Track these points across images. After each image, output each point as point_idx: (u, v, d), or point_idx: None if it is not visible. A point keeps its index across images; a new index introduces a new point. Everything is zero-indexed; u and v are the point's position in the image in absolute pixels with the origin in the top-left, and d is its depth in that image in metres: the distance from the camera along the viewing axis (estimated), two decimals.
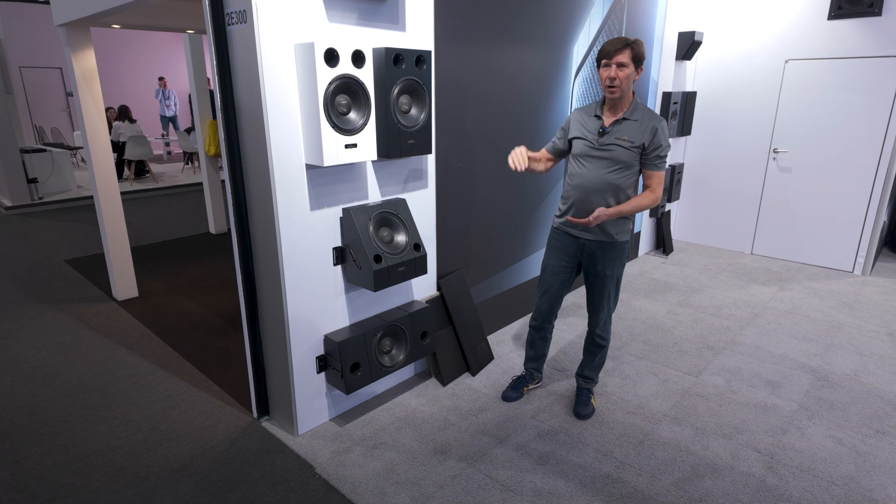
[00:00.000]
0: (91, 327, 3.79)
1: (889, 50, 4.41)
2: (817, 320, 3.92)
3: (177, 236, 6.20)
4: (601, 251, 2.52)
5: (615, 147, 2.38)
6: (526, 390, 2.95)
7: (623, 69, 2.27)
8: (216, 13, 2.14)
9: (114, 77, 12.34)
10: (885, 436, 2.62)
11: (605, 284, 2.57)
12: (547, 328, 2.85)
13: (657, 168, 2.39)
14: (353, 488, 2.26)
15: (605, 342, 2.71)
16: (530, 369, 2.96)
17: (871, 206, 4.72)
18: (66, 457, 2.46)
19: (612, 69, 2.28)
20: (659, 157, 2.37)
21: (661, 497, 2.22)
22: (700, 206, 5.73)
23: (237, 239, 2.43)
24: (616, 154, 2.38)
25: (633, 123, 2.36)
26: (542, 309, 2.77)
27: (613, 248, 2.51)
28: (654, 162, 2.37)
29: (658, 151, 2.35)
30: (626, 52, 2.25)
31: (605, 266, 2.53)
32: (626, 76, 2.28)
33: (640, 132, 2.34)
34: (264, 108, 2.12)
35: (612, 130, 2.39)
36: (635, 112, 2.37)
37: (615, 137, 2.37)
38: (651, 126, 2.33)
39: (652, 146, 2.34)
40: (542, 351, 2.92)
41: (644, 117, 2.35)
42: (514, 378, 3.01)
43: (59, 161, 8.10)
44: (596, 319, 2.66)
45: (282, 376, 2.56)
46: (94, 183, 4.00)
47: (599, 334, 2.68)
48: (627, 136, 2.35)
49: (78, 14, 3.41)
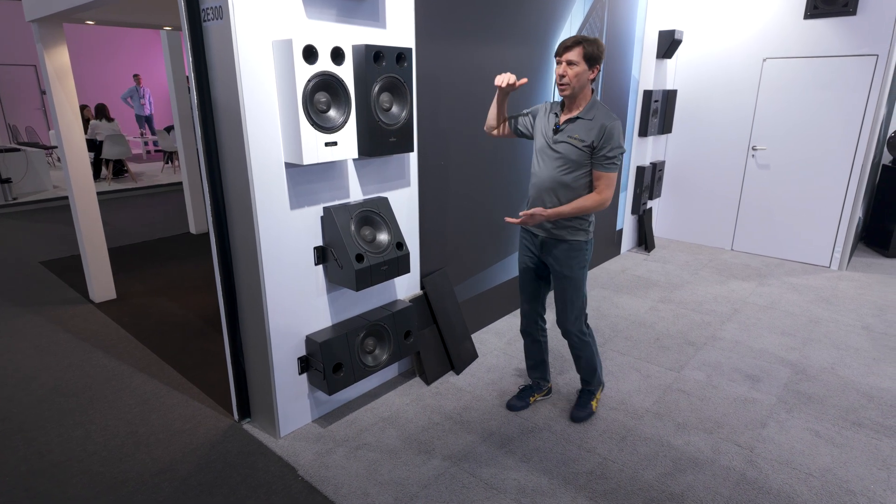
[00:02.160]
0: (67, 330, 3.71)
1: (863, 49, 4.49)
2: (795, 315, 3.99)
3: (157, 237, 6.10)
4: (557, 250, 2.48)
5: (565, 145, 2.34)
6: (532, 400, 2.84)
7: (573, 67, 2.25)
8: (191, 9, 2.10)
9: (91, 75, 12.09)
10: (860, 428, 2.67)
11: (564, 285, 2.53)
12: (535, 331, 2.77)
13: (605, 169, 2.31)
14: (336, 490, 2.24)
15: (580, 343, 2.64)
16: (535, 378, 2.87)
17: (847, 202, 4.81)
18: (41, 463, 2.40)
19: (562, 66, 2.27)
20: (607, 158, 2.29)
21: (643, 492, 2.24)
22: (681, 204, 5.80)
23: (215, 239, 2.39)
24: (566, 152, 2.34)
25: (585, 122, 2.32)
26: (524, 310, 2.75)
27: (569, 248, 2.46)
28: (602, 162, 2.30)
29: (606, 151, 2.28)
30: (577, 50, 2.23)
31: (562, 266, 2.49)
32: (576, 74, 2.25)
33: (591, 131, 2.30)
34: (242, 105, 2.09)
35: (566, 129, 2.36)
36: (591, 111, 2.33)
37: (567, 136, 2.34)
38: (601, 125, 2.28)
39: (601, 145, 2.28)
40: (539, 357, 2.83)
41: (598, 116, 2.30)
42: (520, 387, 2.94)
43: (33, 161, 7.92)
44: (561, 320, 2.60)
45: (263, 378, 2.53)
46: (69, 182, 3.91)
47: (572, 334, 2.62)
48: (578, 135, 2.32)
49: (50, 10, 3.33)
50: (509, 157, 3.67)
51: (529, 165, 3.85)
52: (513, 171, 3.73)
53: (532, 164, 2.52)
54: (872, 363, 3.28)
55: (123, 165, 9.26)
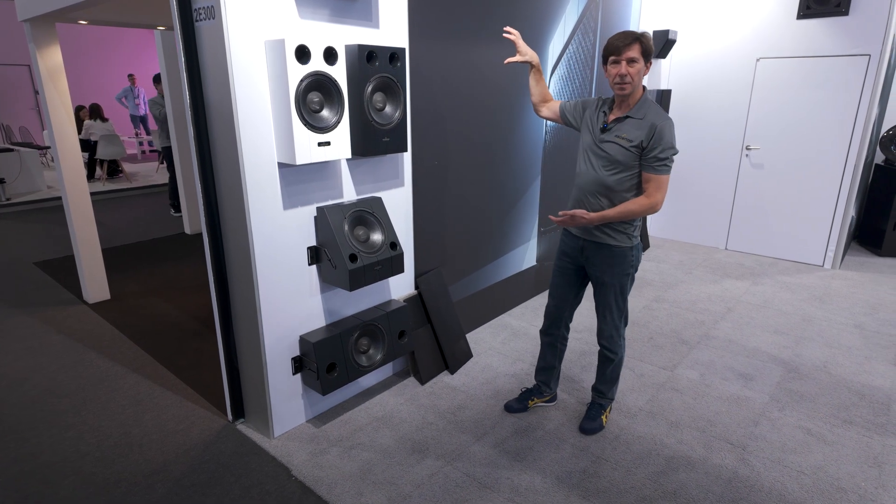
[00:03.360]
0: (60, 331, 3.69)
1: (856, 49, 4.52)
2: (789, 313, 4.01)
3: (151, 237, 6.09)
4: (599, 255, 2.37)
5: (612, 145, 2.23)
6: (531, 404, 2.79)
7: (634, 65, 2.13)
8: (184, 9, 2.09)
9: (86, 75, 12.04)
10: (851, 425, 2.68)
11: (605, 292, 2.42)
12: (555, 335, 2.68)
13: (655, 171, 2.18)
14: (330, 489, 2.24)
15: (613, 355, 2.53)
16: (539, 381, 2.80)
17: (840, 201, 4.84)
18: (33, 464, 2.40)
19: (623, 66, 2.14)
20: (658, 159, 2.16)
21: (636, 490, 2.25)
22: (676, 203, 5.82)
23: (208, 239, 2.39)
24: (613, 153, 2.23)
25: (635, 121, 2.20)
26: (549, 310, 2.66)
27: (612, 254, 2.34)
28: (652, 164, 2.17)
29: (657, 153, 2.15)
30: (636, 47, 2.12)
31: (603, 272, 2.38)
32: (637, 72, 2.14)
33: (640, 130, 2.17)
34: (234, 105, 2.08)
35: (614, 128, 2.25)
36: (641, 109, 2.20)
37: (614, 135, 2.23)
38: (651, 124, 2.15)
39: (651, 146, 2.15)
40: (551, 362, 2.75)
41: (648, 115, 2.18)
42: (522, 389, 2.91)
43: (27, 161, 7.89)
44: (600, 329, 2.51)
45: (256, 378, 2.53)
46: (63, 183, 3.90)
47: (605, 345, 2.52)
48: (626, 135, 2.20)
49: (42, 9, 3.32)
50: (504, 157, 3.67)
51: (523, 165, 3.88)
52: (507, 170, 3.74)
53: (577, 161, 2.41)
54: (864, 361, 3.30)
55: (118, 166, 9.23)
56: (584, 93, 4.36)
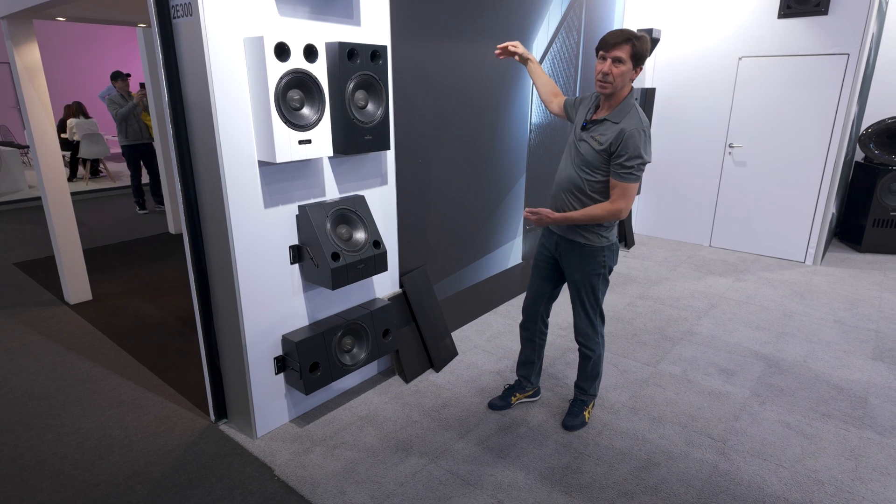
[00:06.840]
0: (41, 332, 3.64)
1: (835, 48, 4.58)
2: (770, 309, 4.06)
3: (134, 237, 6.02)
4: (571, 253, 2.39)
5: (585, 145, 2.23)
6: (514, 400, 2.79)
7: (619, 65, 2.09)
8: (161, 6, 2.07)
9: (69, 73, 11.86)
10: (830, 419, 2.72)
11: (577, 289, 2.44)
12: (532, 329, 2.70)
13: (621, 178, 2.15)
14: (313, 489, 2.23)
15: (590, 352, 2.54)
16: (520, 377, 2.81)
17: (821, 198, 4.91)
18: (10, 468, 2.36)
19: (607, 63, 2.11)
20: (623, 167, 2.13)
21: (618, 486, 2.27)
22: (660, 201, 5.86)
23: (189, 238, 2.37)
24: (584, 152, 2.23)
25: (610, 125, 2.17)
26: (526, 304, 2.69)
27: (582, 252, 2.36)
28: (617, 170, 2.14)
29: (622, 160, 2.12)
30: (626, 48, 2.07)
31: (574, 270, 2.40)
32: (621, 73, 2.10)
33: (611, 134, 2.15)
34: (213, 103, 2.07)
35: (591, 128, 2.24)
36: (620, 113, 2.17)
37: (590, 135, 2.22)
38: (621, 130, 2.12)
39: (618, 152, 2.13)
40: (531, 356, 2.76)
41: (624, 120, 2.14)
42: (505, 386, 2.90)
43: (7, 160, 7.76)
44: (576, 326, 2.53)
45: (239, 378, 2.51)
46: (42, 182, 3.84)
47: (581, 342, 2.54)
48: (599, 136, 2.18)
49: (19, 6, 3.26)
50: (488, 155, 3.68)
51: (509, 163, 3.88)
52: (492, 169, 3.74)
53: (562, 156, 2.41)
54: (843, 356, 3.35)
55: (99, 165, 9.11)
56: (567, 91, 4.38)
